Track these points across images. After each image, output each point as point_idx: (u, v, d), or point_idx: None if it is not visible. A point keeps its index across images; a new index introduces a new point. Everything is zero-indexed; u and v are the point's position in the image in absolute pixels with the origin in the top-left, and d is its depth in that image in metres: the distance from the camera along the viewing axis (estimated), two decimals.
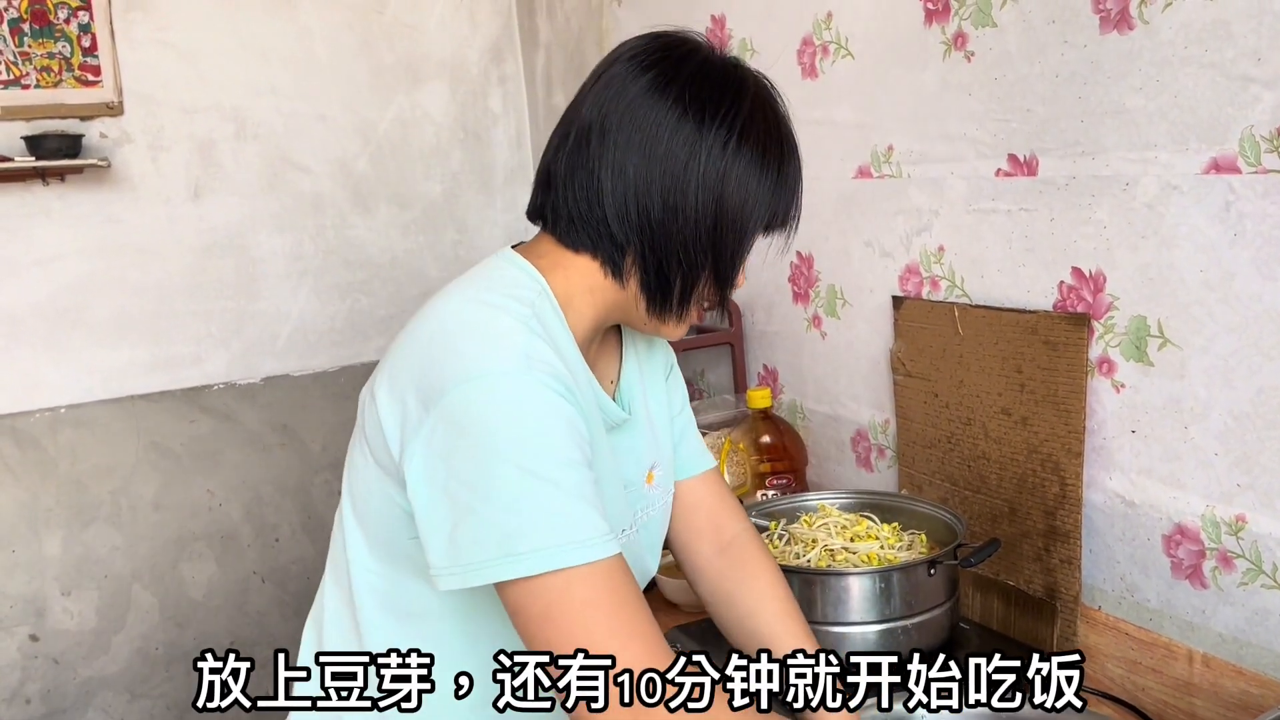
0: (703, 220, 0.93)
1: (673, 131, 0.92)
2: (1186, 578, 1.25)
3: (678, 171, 0.92)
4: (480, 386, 0.84)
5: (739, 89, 0.95)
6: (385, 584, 0.97)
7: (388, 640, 0.97)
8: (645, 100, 0.92)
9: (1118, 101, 1.24)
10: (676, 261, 0.94)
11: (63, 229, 2.44)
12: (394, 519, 0.94)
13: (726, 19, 1.98)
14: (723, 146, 0.92)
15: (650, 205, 0.92)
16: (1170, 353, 1.23)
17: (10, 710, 2.48)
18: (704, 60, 0.95)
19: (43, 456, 2.47)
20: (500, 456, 0.83)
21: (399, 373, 0.91)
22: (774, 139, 0.97)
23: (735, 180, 0.93)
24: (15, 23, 2.35)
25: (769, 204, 0.97)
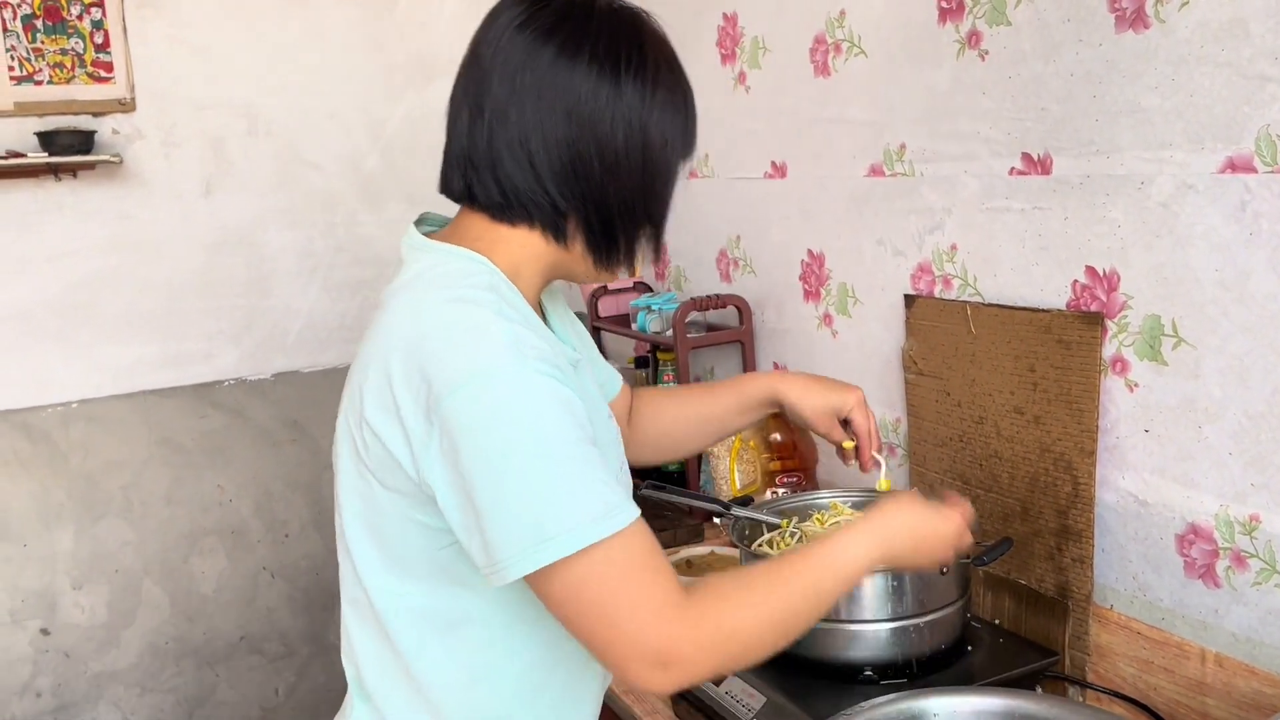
0: (635, 169, 0.96)
1: (592, 92, 0.93)
2: (1199, 577, 1.25)
3: (605, 129, 0.94)
4: (476, 387, 0.86)
5: (639, 36, 0.97)
6: (421, 600, 0.97)
7: (436, 658, 0.98)
8: (558, 67, 0.93)
9: (1133, 100, 1.24)
10: (619, 213, 0.98)
11: (75, 225, 2.45)
12: (419, 536, 0.94)
13: (739, 16, 1.99)
14: (639, 96, 0.95)
15: (589, 167, 0.95)
16: (1184, 352, 1.23)
17: (21, 703, 2.49)
18: (599, 14, 0.96)
19: (54, 451, 2.48)
20: (510, 452, 0.85)
21: (385, 393, 0.91)
22: (675, 75, 1.00)
23: (655, 125, 0.96)
24: (29, 19, 2.36)
25: (684, 137, 1.01)
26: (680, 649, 0.85)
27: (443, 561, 0.95)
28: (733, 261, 2.13)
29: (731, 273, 2.14)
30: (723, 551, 1.78)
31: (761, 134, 1.97)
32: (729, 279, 2.15)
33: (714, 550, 1.78)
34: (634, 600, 0.85)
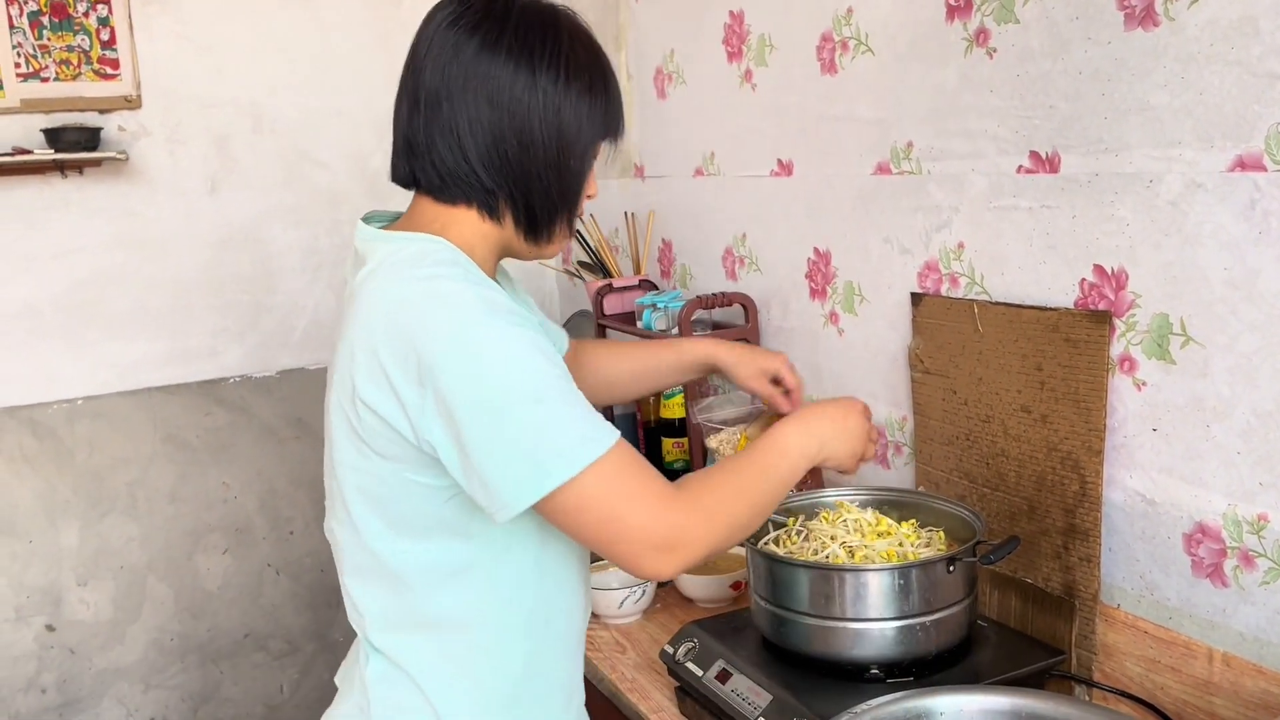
0: (550, 150, 1.07)
1: (510, 81, 1.04)
2: (1207, 576, 1.25)
3: (523, 114, 1.05)
4: (460, 347, 0.96)
5: (555, 29, 1.07)
6: (426, 555, 1.07)
7: (444, 602, 1.09)
8: (480, 59, 1.04)
9: (1142, 99, 1.24)
10: (538, 191, 1.09)
11: (81, 222, 2.45)
12: (420, 497, 1.04)
13: (745, 14, 1.98)
14: (554, 83, 1.06)
15: (508, 149, 1.06)
16: (1193, 351, 1.23)
17: (27, 699, 2.50)
18: (518, 10, 1.07)
19: (60, 448, 2.49)
20: (499, 399, 0.95)
21: (375, 371, 1.00)
22: (594, 65, 1.10)
23: (570, 109, 1.07)
24: (35, 16, 2.37)
25: (603, 120, 1.11)
26: (682, 532, 0.99)
27: (444, 517, 1.05)
28: (738, 259, 2.13)
29: (737, 270, 2.14)
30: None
31: (768, 132, 1.96)
32: (734, 277, 2.15)
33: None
34: (633, 502, 0.98)
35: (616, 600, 1.64)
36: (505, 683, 1.13)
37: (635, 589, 1.65)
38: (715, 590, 1.66)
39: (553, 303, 3.05)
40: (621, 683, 1.49)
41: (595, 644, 1.60)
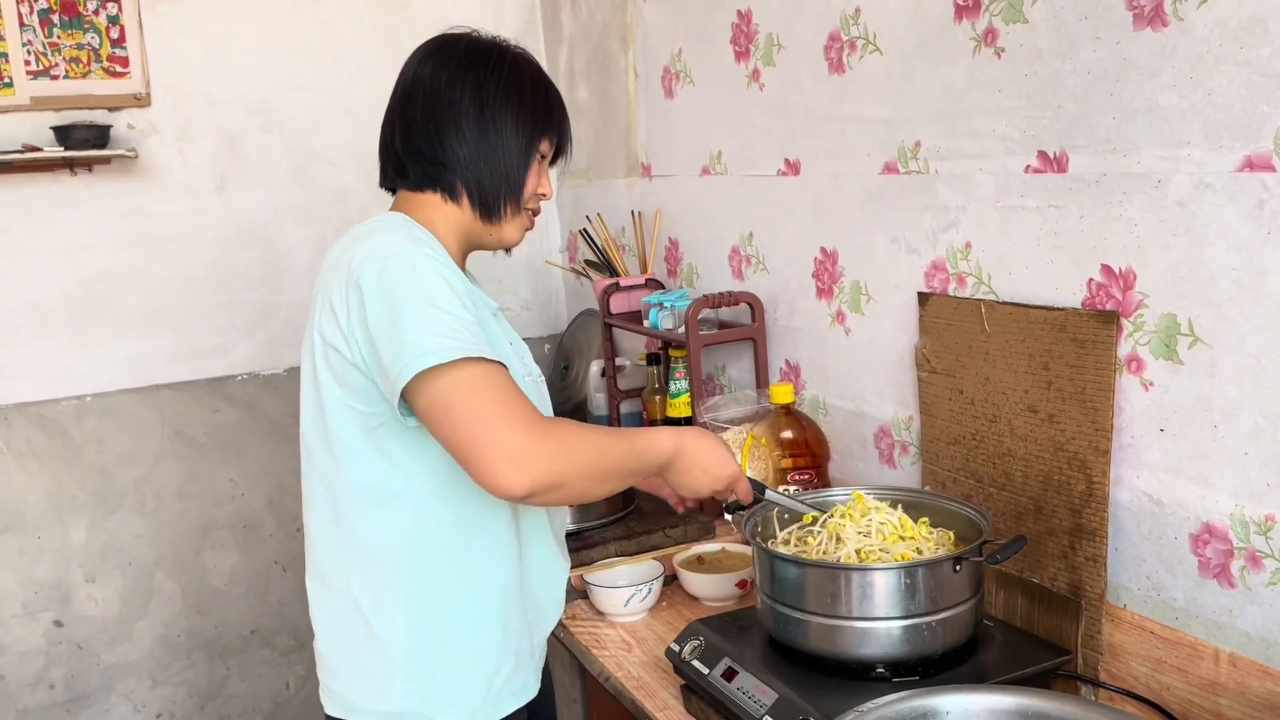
0: (492, 141, 1.32)
1: (460, 91, 1.31)
2: (1214, 577, 1.25)
3: (473, 114, 1.31)
4: (377, 261, 1.19)
5: (500, 55, 1.35)
6: (359, 476, 1.27)
7: (376, 524, 1.28)
8: (439, 81, 1.32)
9: (1150, 99, 1.24)
10: (485, 174, 1.33)
11: (90, 219, 2.47)
12: (356, 421, 1.25)
13: (753, 14, 1.98)
14: (496, 92, 1.32)
15: (459, 142, 1.31)
16: (1200, 351, 1.23)
17: (35, 695, 2.51)
18: (470, 41, 1.36)
19: (69, 444, 2.50)
20: (401, 297, 1.16)
21: (327, 307, 1.23)
22: (534, 79, 1.37)
23: (511, 112, 1.33)
24: (45, 14, 2.38)
25: (541, 122, 1.36)
26: (535, 451, 1.12)
27: (376, 440, 1.25)
28: (745, 259, 2.13)
29: (744, 270, 2.14)
30: (734, 549, 1.78)
31: (775, 131, 1.97)
32: (741, 276, 2.15)
33: (725, 548, 1.79)
34: (498, 411, 1.12)
35: (622, 599, 1.64)
36: (435, 620, 1.31)
37: (641, 588, 1.65)
38: (721, 589, 1.67)
39: (559, 301, 3.06)
40: (628, 680, 1.49)
41: (601, 642, 1.60)
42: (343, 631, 1.33)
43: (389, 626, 1.30)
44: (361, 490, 1.28)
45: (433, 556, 1.30)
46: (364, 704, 1.32)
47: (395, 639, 1.30)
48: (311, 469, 1.33)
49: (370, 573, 1.30)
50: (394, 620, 1.29)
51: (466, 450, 1.12)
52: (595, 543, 1.85)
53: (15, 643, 2.49)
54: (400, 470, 1.27)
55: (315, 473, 1.32)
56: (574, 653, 1.64)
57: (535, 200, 1.40)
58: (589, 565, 1.77)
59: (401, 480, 1.27)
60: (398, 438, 1.26)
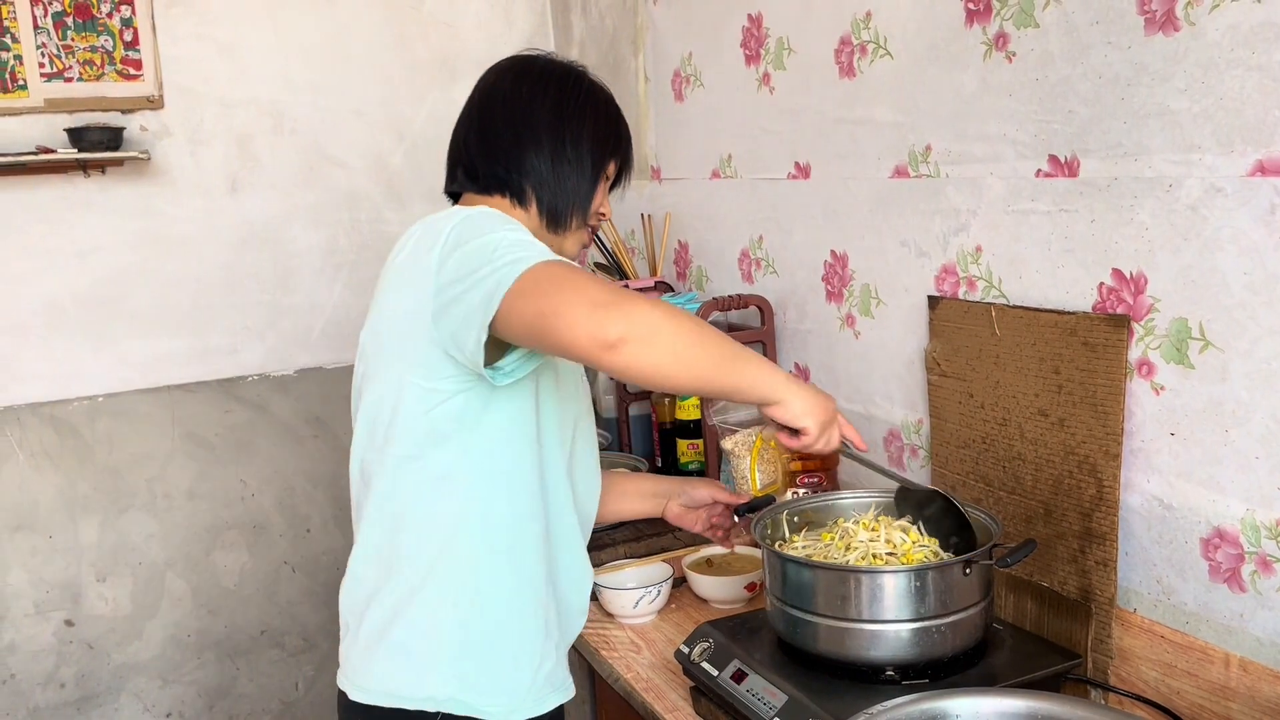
0: (569, 158, 1.36)
1: (541, 106, 1.36)
2: (1224, 581, 1.25)
3: (550, 127, 1.35)
4: (464, 214, 1.21)
5: (577, 77, 1.40)
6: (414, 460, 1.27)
7: (424, 506, 1.28)
8: (519, 95, 1.37)
9: (1162, 103, 1.24)
10: (558, 186, 1.36)
11: (103, 221, 2.48)
12: (417, 401, 1.25)
13: (764, 17, 1.99)
14: (575, 112, 1.37)
15: (538, 151, 1.35)
16: (1212, 355, 1.23)
17: (45, 694, 2.52)
18: (550, 60, 1.41)
19: (81, 444, 2.51)
20: (481, 229, 1.18)
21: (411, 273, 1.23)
22: (609, 107, 1.42)
23: (588, 130, 1.37)
24: (59, 16, 2.39)
25: (613, 145, 1.41)
26: (621, 297, 1.09)
27: (434, 421, 1.25)
28: (755, 262, 2.13)
29: (753, 273, 2.14)
30: (743, 551, 1.78)
31: (785, 135, 1.97)
32: (751, 279, 2.16)
33: (734, 550, 1.79)
34: (585, 277, 1.12)
35: (632, 600, 1.65)
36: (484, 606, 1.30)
37: (650, 589, 1.65)
38: (730, 591, 1.67)
39: None
40: (637, 682, 1.49)
41: (611, 643, 1.61)
42: (387, 616, 1.30)
43: (438, 611, 1.28)
44: (417, 472, 1.28)
45: (482, 539, 1.29)
46: (401, 690, 1.29)
47: (444, 623, 1.28)
48: (367, 452, 1.32)
49: (422, 555, 1.29)
50: (443, 604, 1.28)
51: (552, 305, 1.08)
52: (604, 544, 1.85)
53: (26, 642, 2.50)
54: (456, 452, 1.27)
55: (371, 455, 1.32)
56: (583, 654, 1.64)
57: (596, 218, 1.42)
58: (598, 567, 1.77)
59: (457, 462, 1.27)
60: (456, 419, 1.25)
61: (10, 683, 2.49)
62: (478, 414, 1.26)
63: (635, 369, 1.09)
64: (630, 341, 1.07)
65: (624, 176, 1.46)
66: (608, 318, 1.06)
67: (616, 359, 1.07)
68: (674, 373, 1.12)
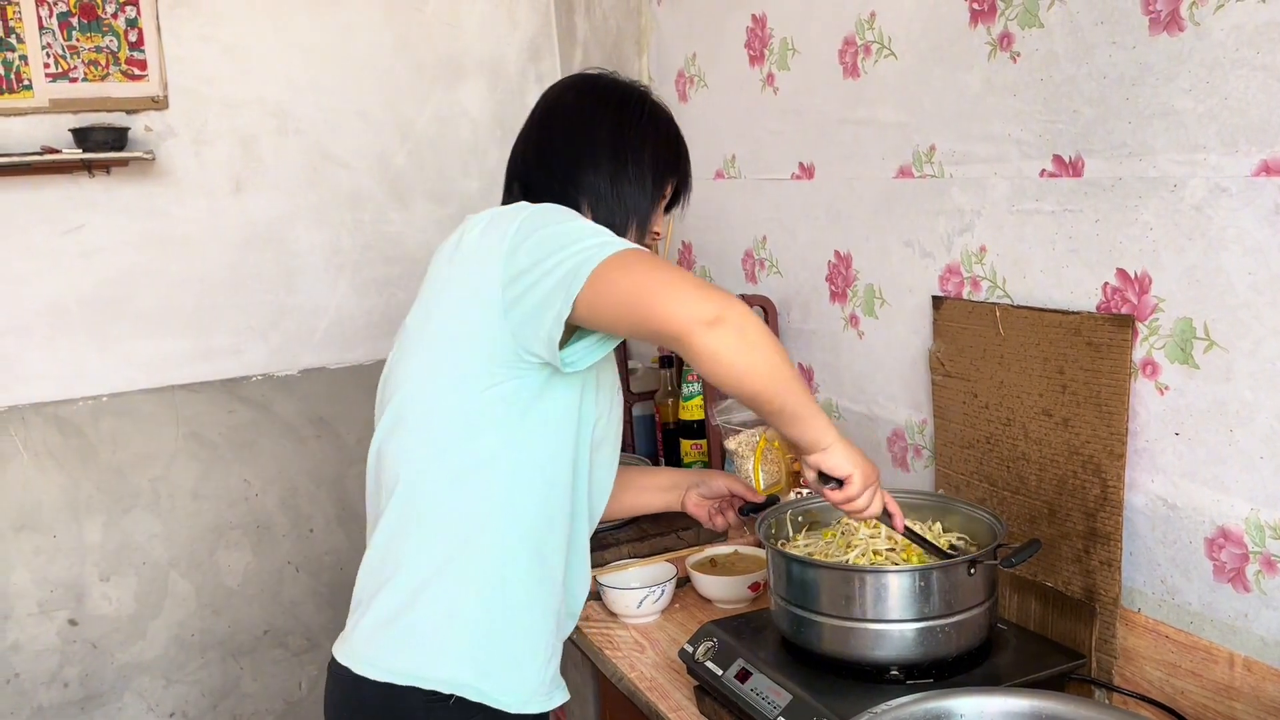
0: (628, 176, 1.36)
1: (605, 124, 1.37)
2: (1229, 581, 1.25)
3: (610, 145, 1.36)
4: (532, 208, 1.24)
5: (640, 97, 1.41)
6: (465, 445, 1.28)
7: (459, 490, 1.28)
8: (581, 109, 1.39)
9: (1166, 103, 1.24)
10: (615, 204, 1.36)
11: (108, 221, 2.48)
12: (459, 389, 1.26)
13: (767, 18, 1.99)
14: (638, 133, 1.38)
15: (595, 168, 1.35)
16: (1216, 355, 1.23)
17: (49, 693, 2.53)
18: (613, 79, 1.42)
19: (85, 444, 2.51)
20: (557, 219, 1.21)
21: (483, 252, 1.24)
22: (670, 128, 1.43)
23: (650, 150, 1.38)
24: (64, 17, 2.40)
25: (674, 166, 1.42)
26: (719, 297, 1.12)
27: (477, 406, 1.26)
28: (758, 262, 2.13)
29: (757, 273, 2.14)
30: (746, 551, 1.78)
31: (789, 135, 1.97)
32: (754, 279, 2.16)
33: (737, 550, 1.79)
34: (672, 268, 1.16)
35: (635, 600, 1.65)
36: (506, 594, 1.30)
37: (654, 589, 1.65)
38: (734, 591, 1.67)
39: None
40: (640, 681, 1.49)
41: (614, 643, 1.61)
42: (406, 598, 1.29)
43: (461, 596, 1.28)
44: (453, 457, 1.28)
45: (510, 529, 1.30)
46: (417, 670, 1.27)
47: (466, 609, 1.28)
48: (394, 434, 1.32)
49: (449, 541, 1.29)
50: (466, 591, 1.28)
51: (657, 283, 1.12)
52: (608, 544, 1.86)
53: (30, 641, 2.50)
54: (496, 441, 1.27)
55: (403, 427, 1.31)
56: (587, 653, 1.64)
57: (652, 237, 1.43)
58: (602, 567, 1.78)
59: (495, 451, 1.28)
60: (505, 405, 1.26)
61: (14, 682, 2.49)
62: (527, 403, 1.26)
63: (719, 354, 1.12)
64: (727, 325, 1.10)
65: (682, 197, 1.46)
66: (710, 300, 1.11)
67: (709, 338, 1.10)
68: (749, 373, 1.14)
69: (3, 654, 2.48)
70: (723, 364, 1.13)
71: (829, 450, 1.22)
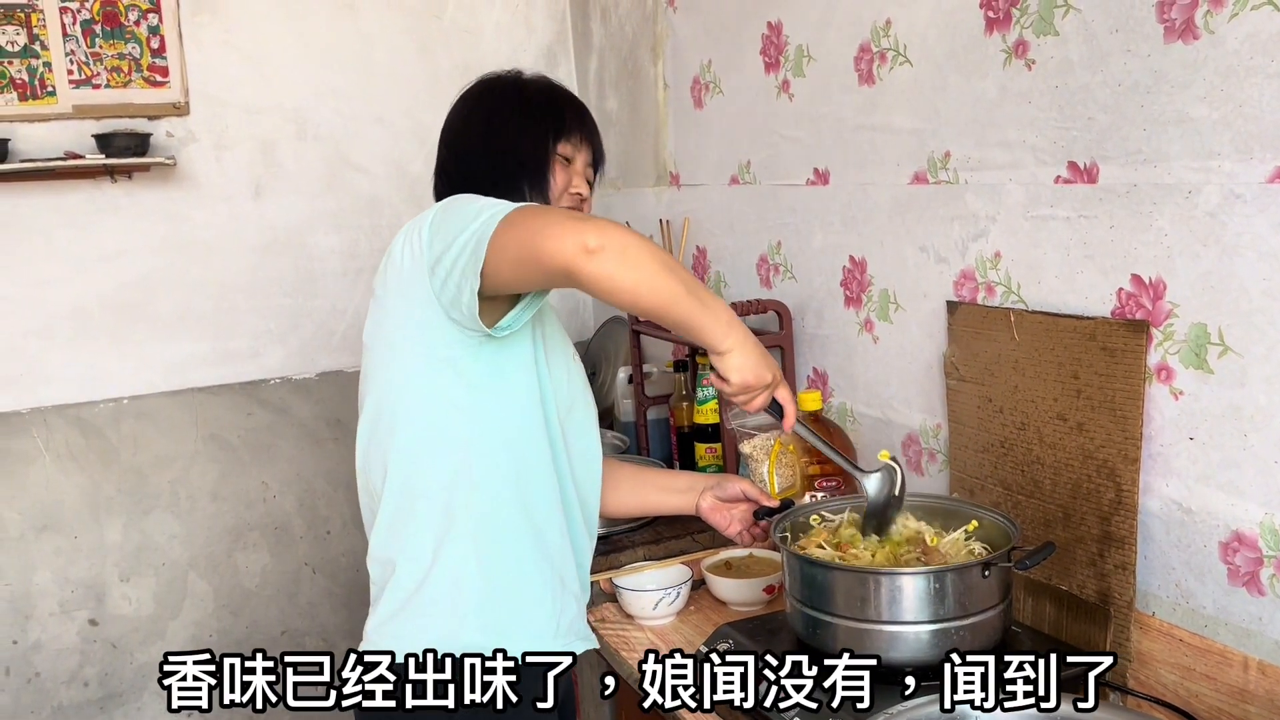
0: (504, 145, 1.46)
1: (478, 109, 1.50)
2: (1243, 585, 1.25)
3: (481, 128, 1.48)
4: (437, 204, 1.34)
5: (511, 80, 1.51)
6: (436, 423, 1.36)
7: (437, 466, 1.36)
8: (464, 103, 1.52)
9: (1181, 110, 1.25)
10: (500, 171, 1.45)
11: (129, 225, 2.52)
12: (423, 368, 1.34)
13: (783, 25, 2.01)
14: (505, 105, 1.49)
15: (476, 153, 1.47)
16: (1231, 360, 1.23)
17: (69, 692, 2.55)
18: (486, 76, 1.53)
19: (105, 446, 2.54)
20: (459, 203, 1.29)
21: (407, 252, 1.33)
22: (543, 96, 1.51)
23: (516, 117, 1.47)
24: (88, 24, 2.43)
25: (549, 128, 1.48)
26: (595, 220, 1.19)
27: (445, 392, 1.34)
28: (773, 267, 2.15)
29: (771, 278, 2.16)
30: (761, 554, 1.79)
31: (804, 141, 1.99)
32: (769, 284, 2.17)
33: (752, 553, 1.80)
34: (562, 210, 1.28)
35: (651, 602, 1.66)
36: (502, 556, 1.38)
37: (670, 591, 1.66)
38: (749, 594, 1.68)
39: (586, 310, 3.08)
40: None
41: (630, 644, 1.62)
42: (415, 580, 1.37)
43: (463, 567, 1.36)
44: (437, 441, 1.36)
45: (500, 499, 1.38)
46: (431, 645, 1.34)
47: (469, 579, 1.36)
48: (374, 436, 1.41)
49: (446, 517, 1.36)
50: (467, 562, 1.36)
51: (537, 227, 1.18)
52: (624, 546, 1.87)
53: (51, 640, 2.53)
54: (470, 419, 1.36)
55: (387, 433, 1.39)
56: (603, 654, 1.65)
57: (570, 199, 1.49)
58: (617, 569, 1.79)
59: (467, 428, 1.36)
60: (469, 385, 1.35)
61: (35, 681, 2.52)
62: (484, 383, 1.35)
63: (608, 277, 1.17)
64: (608, 250, 1.15)
65: (595, 158, 1.53)
66: (588, 229, 1.16)
67: (593, 265, 1.15)
68: (640, 288, 1.19)
69: (24, 653, 2.51)
70: (611, 286, 1.18)
71: (725, 355, 1.27)
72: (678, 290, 1.21)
